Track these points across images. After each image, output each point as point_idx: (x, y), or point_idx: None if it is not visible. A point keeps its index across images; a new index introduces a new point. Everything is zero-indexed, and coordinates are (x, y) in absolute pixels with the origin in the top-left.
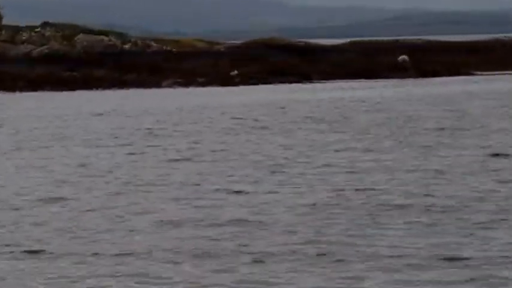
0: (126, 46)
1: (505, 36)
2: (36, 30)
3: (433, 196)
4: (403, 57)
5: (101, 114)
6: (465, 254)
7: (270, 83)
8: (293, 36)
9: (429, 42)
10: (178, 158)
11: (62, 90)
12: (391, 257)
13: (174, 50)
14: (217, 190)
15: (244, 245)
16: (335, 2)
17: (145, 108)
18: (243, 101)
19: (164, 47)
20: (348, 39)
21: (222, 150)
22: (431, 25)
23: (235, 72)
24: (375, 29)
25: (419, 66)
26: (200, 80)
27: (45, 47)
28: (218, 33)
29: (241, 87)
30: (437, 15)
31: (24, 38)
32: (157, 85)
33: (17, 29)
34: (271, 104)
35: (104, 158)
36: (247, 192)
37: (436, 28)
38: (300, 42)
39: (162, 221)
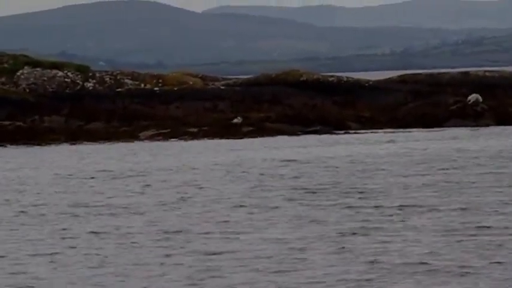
0: (90, 84)
1: None
2: None
3: None
4: (474, 96)
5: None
6: None
7: (288, 133)
8: (321, 68)
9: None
10: None
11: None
12: None
13: (156, 89)
14: None
15: None
16: (377, 21)
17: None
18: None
19: (143, 85)
20: (397, 72)
21: None
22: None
23: (239, 119)
24: (432, 57)
25: (498, 109)
26: (192, 130)
27: None
28: (216, 65)
29: (248, 140)
30: None
31: None
32: (133, 138)
33: None
34: (294, 164)
35: None
36: None
37: None
38: (330, 76)
39: None
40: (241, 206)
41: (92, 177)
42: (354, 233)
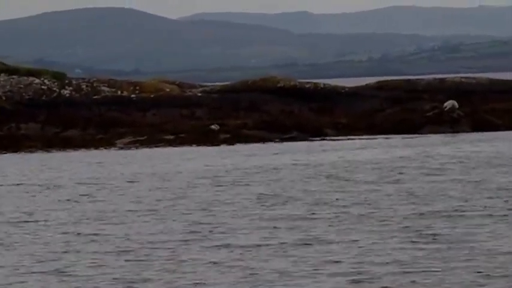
0: (66, 91)
1: None
2: None
3: None
4: (451, 102)
5: None
6: None
7: (266, 140)
8: (298, 75)
9: (491, 81)
10: None
11: None
12: None
13: (133, 96)
14: None
15: None
16: (355, 27)
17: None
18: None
19: (119, 93)
20: (374, 79)
21: None
22: (489, 57)
23: (216, 126)
24: (409, 63)
25: (475, 115)
26: (168, 137)
27: None
28: (193, 72)
29: (225, 147)
30: (498, 43)
31: None
32: (110, 145)
33: None
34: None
35: None
36: None
37: (496, 62)
38: (307, 83)
39: None
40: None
41: None
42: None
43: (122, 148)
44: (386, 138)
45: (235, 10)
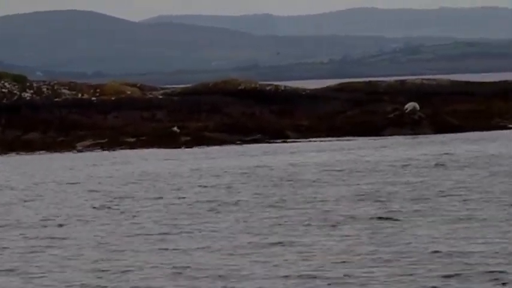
0: (27, 94)
1: None
2: None
3: None
4: (412, 104)
5: None
6: None
7: (227, 142)
8: (259, 77)
9: (452, 82)
10: None
11: None
12: None
13: (93, 99)
14: None
15: None
16: (316, 29)
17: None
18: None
19: (80, 95)
20: (335, 81)
21: None
22: (450, 59)
23: (177, 128)
24: (370, 65)
25: (436, 117)
26: (129, 140)
27: None
28: (154, 75)
29: (186, 150)
30: (459, 45)
31: None
32: (71, 148)
33: None
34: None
35: None
36: None
37: (457, 63)
38: (268, 85)
39: None
40: None
41: None
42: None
43: (81, 151)
44: (348, 140)
45: (197, 13)
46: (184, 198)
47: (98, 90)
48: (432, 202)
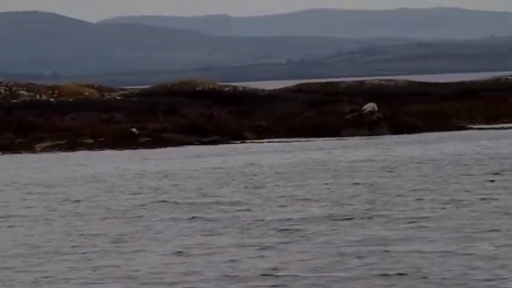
0: None
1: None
2: None
3: None
4: (370, 105)
5: None
6: None
7: (185, 143)
8: (218, 78)
9: (410, 83)
10: None
11: None
12: None
13: (52, 100)
14: None
15: None
16: (274, 30)
17: None
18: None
19: (38, 97)
20: (294, 82)
21: None
22: (409, 60)
23: (135, 130)
24: (328, 66)
25: (394, 118)
26: (88, 141)
27: None
28: (112, 76)
29: (144, 151)
30: (417, 46)
31: None
32: (29, 149)
33: None
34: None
35: None
36: None
37: (415, 64)
38: (226, 86)
39: None
40: None
41: None
42: None
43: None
44: (306, 141)
45: (155, 14)
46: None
47: (56, 91)
48: (383, 203)
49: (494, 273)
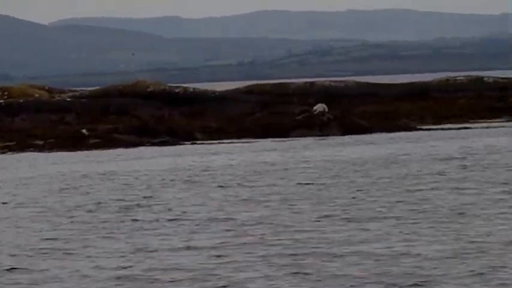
0: None
1: (463, 76)
2: None
3: None
4: (320, 106)
5: None
6: None
7: (136, 145)
8: (169, 79)
9: (360, 84)
10: None
11: None
12: None
13: (1, 101)
14: None
15: None
16: (225, 31)
17: None
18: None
19: None
20: (244, 83)
21: None
22: (359, 61)
23: (86, 131)
24: (279, 67)
25: (344, 118)
26: (38, 142)
27: None
28: (63, 77)
29: (95, 152)
30: (367, 47)
31: None
32: None
33: None
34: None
35: None
36: None
37: (366, 65)
38: (177, 87)
39: None
40: None
41: None
42: None
43: None
44: (256, 142)
45: (106, 15)
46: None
47: (6, 93)
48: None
49: None
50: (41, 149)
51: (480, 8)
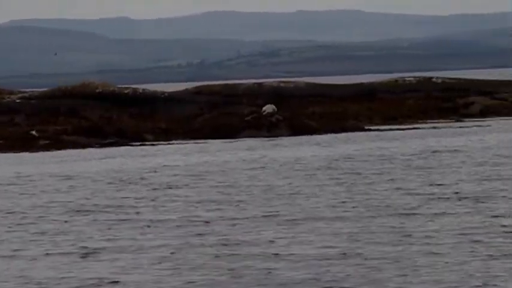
0: None
1: (416, 77)
2: None
3: None
4: (269, 106)
5: None
6: None
7: (85, 146)
8: (118, 80)
9: (309, 85)
10: None
11: None
12: None
13: None
14: None
15: None
16: (174, 33)
17: None
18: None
19: None
20: (193, 84)
21: None
22: (309, 61)
23: (35, 132)
24: (228, 68)
25: (293, 119)
26: None
27: None
28: (12, 78)
29: (45, 153)
30: (317, 48)
31: None
32: None
33: None
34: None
35: None
36: None
37: (316, 66)
38: (126, 88)
39: None
40: None
41: None
42: None
43: None
44: (204, 143)
45: (54, 16)
46: None
47: None
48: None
49: None
50: None
51: (429, 9)
